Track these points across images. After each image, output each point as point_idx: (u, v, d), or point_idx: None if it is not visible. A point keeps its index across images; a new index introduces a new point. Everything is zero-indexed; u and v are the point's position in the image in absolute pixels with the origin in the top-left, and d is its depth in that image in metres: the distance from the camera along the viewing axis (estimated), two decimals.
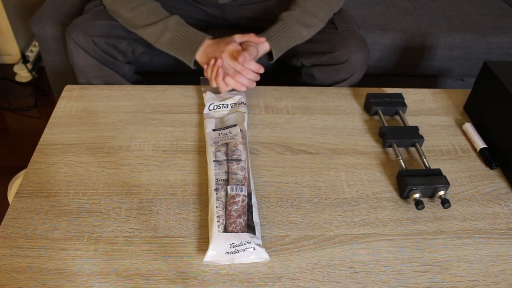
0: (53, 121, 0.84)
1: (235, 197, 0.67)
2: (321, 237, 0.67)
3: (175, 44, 0.88)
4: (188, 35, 0.88)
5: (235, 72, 0.85)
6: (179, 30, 0.88)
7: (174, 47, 0.89)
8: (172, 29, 0.88)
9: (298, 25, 0.92)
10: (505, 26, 1.30)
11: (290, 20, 0.92)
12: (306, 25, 0.93)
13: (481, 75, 0.87)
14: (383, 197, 0.74)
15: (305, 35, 0.94)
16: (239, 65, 0.85)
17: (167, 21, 0.88)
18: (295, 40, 0.93)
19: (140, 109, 0.88)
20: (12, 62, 1.72)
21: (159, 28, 0.88)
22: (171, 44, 0.89)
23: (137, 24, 0.90)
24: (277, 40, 0.91)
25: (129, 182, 0.73)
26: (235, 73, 0.85)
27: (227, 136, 0.78)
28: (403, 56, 1.27)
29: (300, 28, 0.92)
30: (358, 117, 0.90)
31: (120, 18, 0.92)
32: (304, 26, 0.92)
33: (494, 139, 0.83)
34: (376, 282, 0.61)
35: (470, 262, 0.65)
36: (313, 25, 0.95)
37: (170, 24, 0.88)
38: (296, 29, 0.92)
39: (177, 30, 0.88)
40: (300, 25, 0.92)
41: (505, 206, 0.74)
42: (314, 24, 0.95)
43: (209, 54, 0.87)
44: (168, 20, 0.88)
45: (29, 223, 0.66)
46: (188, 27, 0.89)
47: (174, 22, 0.89)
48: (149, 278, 0.60)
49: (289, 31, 0.91)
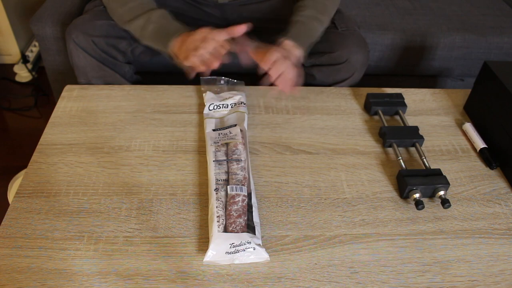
0: (53, 121, 0.84)
1: (235, 197, 0.67)
2: (321, 237, 0.67)
3: (157, 35, 0.86)
4: (169, 26, 0.86)
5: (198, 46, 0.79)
6: (161, 22, 0.86)
7: (156, 38, 0.86)
8: (155, 21, 0.86)
9: (315, 22, 0.91)
10: (505, 26, 1.30)
11: (307, 19, 0.90)
12: (321, 22, 0.92)
13: (481, 75, 0.87)
14: (383, 197, 0.74)
15: (320, 32, 0.93)
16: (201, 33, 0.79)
17: (151, 13, 0.86)
18: (315, 36, 0.92)
19: (140, 109, 0.88)
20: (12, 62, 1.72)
21: (143, 21, 0.87)
22: (153, 36, 0.86)
23: (126, 19, 0.89)
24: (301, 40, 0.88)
25: (129, 182, 0.73)
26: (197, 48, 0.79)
27: (227, 136, 0.78)
28: (403, 56, 1.27)
29: (318, 25, 0.91)
30: (358, 117, 0.90)
31: (114, 15, 0.91)
32: (319, 23, 0.92)
33: (494, 139, 0.83)
34: (376, 282, 0.61)
35: (470, 262, 0.65)
36: (325, 22, 0.94)
37: (153, 17, 0.86)
38: (315, 26, 0.91)
39: (159, 22, 0.86)
40: (316, 23, 0.91)
41: (505, 206, 0.74)
42: (325, 21, 0.94)
43: (183, 44, 0.82)
44: (153, 12, 0.87)
45: (29, 223, 0.66)
46: (171, 20, 0.87)
47: (158, 14, 0.87)
48: (149, 278, 0.60)
49: (309, 28, 0.90)
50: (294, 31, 0.89)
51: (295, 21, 0.90)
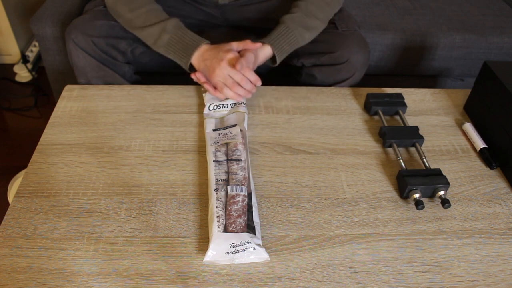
0: (53, 121, 0.84)
1: (235, 197, 0.67)
2: (321, 237, 0.67)
3: (172, 46, 0.88)
4: (186, 38, 0.87)
5: (233, 83, 0.84)
6: (177, 33, 0.87)
7: (171, 49, 0.88)
8: (170, 32, 0.87)
9: (301, 28, 0.91)
10: (505, 26, 1.30)
11: (292, 24, 0.91)
12: (308, 27, 0.92)
13: (481, 75, 0.87)
14: (383, 197, 0.74)
15: (307, 38, 0.94)
16: (238, 75, 0.83)
17: (166, 23, 0.87)
18: (298, 43, 0.92)
19: (140, 109, 0.88)
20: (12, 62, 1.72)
21: (157, 30, 0.88)
22: (168, 47, 0.88)
23: (136, 25, 0.90)
24: (280, 44, 0.90)
25: (129, 182, 0.73)
26: (233, 84, 0.84)
27: (227, 136, 0.78)
28: (403, 56, 1.27)
29: (303, 31, 0.92)
30: (358, 117, 0.90)
31: (120, 18, 0.92)
32: (306, 28, 0.92)
33: (494, 139, 0.83)
34: (376, 282, 0.61)
35: (470, 262, 0.65)
36: (315, 27, 0.94)
37: (168, 27, 0.87)
38: (299, 32, 0.91)
39: (175, 33, 0.87)
40: (302, 28, 0.91)
41: (505, 206, 0.74)
42: (316, 26, 0.94)
43: (206, 60, 0.86)
44: (167, 22, 0.88)
45: (29, 223, 0.66)
46: (186, 30, 0.88)
47: (172, 24, 0.88)
48: (149, 278, 0.60)
49: (292, 34, 0.90)
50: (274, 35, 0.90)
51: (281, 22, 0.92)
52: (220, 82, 0.84)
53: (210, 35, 1.19)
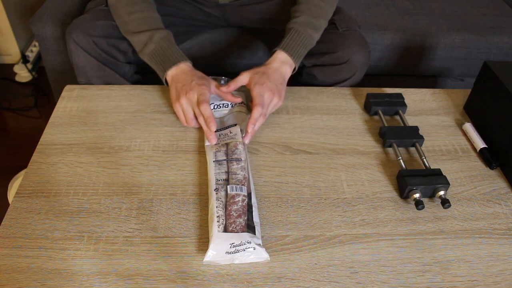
0: (53, 121, 0.84)
1: (235, 197, 0.67)
2: (321, 237, 0.67)
3: (155, 57, 0.87)
4: (168, 52, 0.86)
5: (191, 118, 0.81)
6: (162, 45, 0.86)
7: (154, 59, 0.87)
8: (156, 42, 0.86)
9: (309, 29, 0.90)
10: (505, 26, 1.30)
11: (300, 27, 0.90)
12: (315, 28, 0.92)
13: (481, 75, 0.87)
14: (383, 197, 0.74)
15: (316, 38, 0.93)
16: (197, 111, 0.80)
17: (155, 32, 0.87)
18: (310, 44, 0.91)
19: (140, 109, 0.88)
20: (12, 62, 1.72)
21: (146, 38, 0.87)
22: (151, 56, 0.87)
23: (130, 30, 0.89)
24: (295, 49, 0.89)
25: (129, 182, 0.73)
26: (191, 119, 0.81)
27: (227, 136, 0.78)
28: (403, 56, 1.27)
29: (312, 32, 0.91)
30: (358, 117, 0.90)
31: (118, 19, 0.91)
32: (314, 29, 0.91)
33: (494, 139, 0.83)
34: (376, 282, 0.61)
35: (470, 262, 0.65)
36: (321, 26, 0.94)
37: (156, 37, 0.86)
38: (309, 33, 0.90)
39: (160, 44, 0.86)
40: (311, 29, 0.91)
41: (505, 206, 0.74)
42: (321, 25, 0.94)
43: (178, 83, 0.83)
44: (157, 32, 0.87)
45: (29, 223, 0.66)
46: (172, 44, 0.87)
47: (160, 35, 0.87)
48: (149, 278, 0.60)
49: (303, 36, 0.89)
50: (287, 41, 0.89)
51: (289, 28, 0.90)
52: (179, 111, 0.82)
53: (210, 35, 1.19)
